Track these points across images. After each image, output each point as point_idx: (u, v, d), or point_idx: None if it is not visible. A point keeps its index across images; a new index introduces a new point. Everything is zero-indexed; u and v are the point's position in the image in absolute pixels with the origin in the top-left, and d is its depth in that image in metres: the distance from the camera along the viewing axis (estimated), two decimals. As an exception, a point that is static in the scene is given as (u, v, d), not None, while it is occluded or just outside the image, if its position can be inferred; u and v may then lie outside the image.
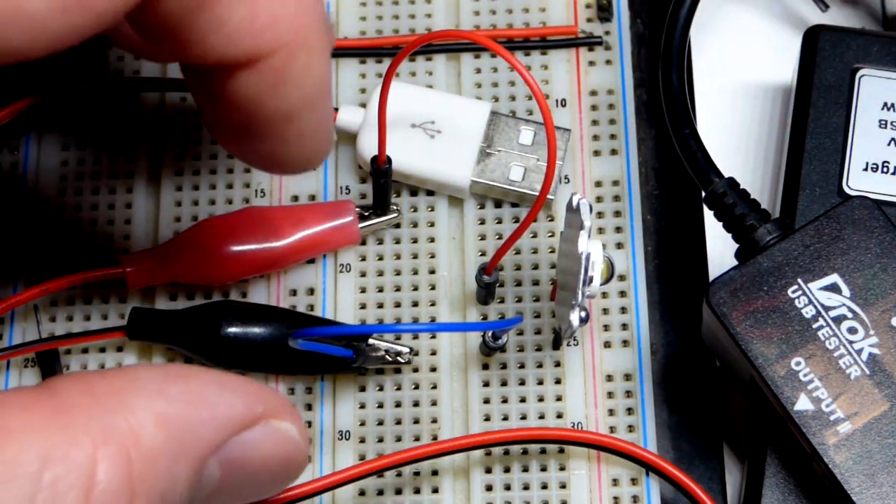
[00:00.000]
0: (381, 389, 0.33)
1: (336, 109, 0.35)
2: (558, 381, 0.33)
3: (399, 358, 0.32)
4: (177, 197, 0.35)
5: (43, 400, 0.22)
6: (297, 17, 0.25)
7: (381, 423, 0.33)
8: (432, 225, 0.34)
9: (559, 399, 0.33)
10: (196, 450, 0.24)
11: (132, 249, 0.34)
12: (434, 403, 0.33)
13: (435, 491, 0.32)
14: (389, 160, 0.32)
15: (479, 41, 0.29)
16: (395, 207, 0.34)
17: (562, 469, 0.32)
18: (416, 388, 0.33)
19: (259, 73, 0.25)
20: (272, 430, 0.25)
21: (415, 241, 0.34)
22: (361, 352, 0.32)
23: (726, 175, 0.32)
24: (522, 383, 0.33)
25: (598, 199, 0.34)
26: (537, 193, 0.34)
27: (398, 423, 0.33)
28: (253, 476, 0.25)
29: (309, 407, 0.33)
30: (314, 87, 0.26)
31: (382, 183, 0.33)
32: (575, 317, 0.29)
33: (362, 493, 0.32)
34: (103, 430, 0.22)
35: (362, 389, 0.33)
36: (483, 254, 0.34)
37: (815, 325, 0.29)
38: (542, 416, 0.32)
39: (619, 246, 0.34)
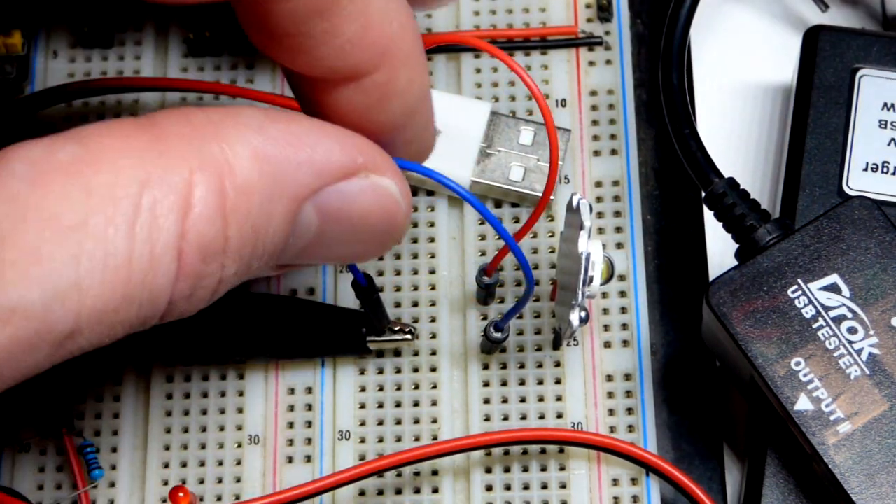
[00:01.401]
0: (381, 389, 0.33)
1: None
2: (558, 381, 0.33)
3: (403, 332, 0.32)
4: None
5: (143, 128, 0.22)
6: (402, 34, 0.25)
7: (381, 423, 0.33)
8: (432, 225, 0.34)
9: (559, 399, 0.33)
10: (291, 189, 0.23)
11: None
12: (434, 403, 0.33)
13: (435, 491, 0.32)
14: None
15: (480, 46, 0.29)
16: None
17: (562, 469, 0.32)
18: (416, 388, 0.33)
19: (364, 89, 0.25)
20: (372, 183, 0.25)
21: (415, 241, 0.34)
22: (374, 302, 0.31)
23: (726, 175, 0.32)
24: (522, 383, 0.33)
25: (598, 200, 0.35)
26: (537, 193, 0.34)
27: (398, 423, 0.33)
28: (352, 230, 0.25)
29: (309, 407, 0.33)
30: (416, 99, 0.26)
31: None
32: (575, 317, 0.29)
33: (362, 493, 0.32)
34: (199, 157, 0.22)
35: (362, 389, 0.33)
36: (483, 254, 0.34)
37: (814, 325, 0.29)
38: (542, 417, 0.32)
39: (619, 246, 0.34)
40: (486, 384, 0.33)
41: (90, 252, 0.21)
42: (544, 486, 0.32)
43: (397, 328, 0.32)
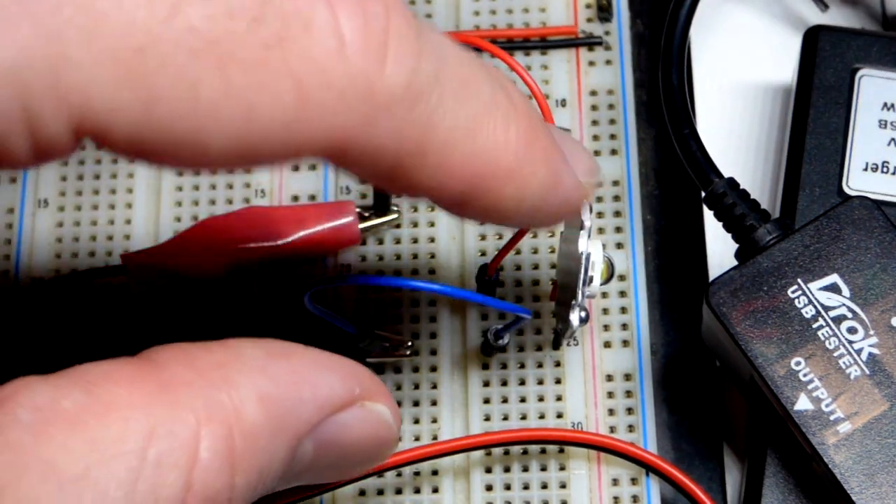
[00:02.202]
0: (380, 372, 0.33)
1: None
2: (558, 381, 0.33)
3: (403, 347, 0.32)
4: (177, 197, 0.35)
5: (147, 374, 0.22)
6: (494, 153, 0.24)
7: (381, 423, 0.33)
8: (432, 225, 0.34)
9: (559, 399, 0.33)
10: (295, 429, 0.24)
11: (133, 249, 0.34)
12: (434, 403, 0.33)
13: (435, 491, 0.32)
14: None
15: (481, 45, 0.29)
16: (395, 208, 0.34)
17: (562, 469, 0.32)
18: (416, 388, 0.33)
19: (478, 209, 0.25)
20: (367, 411, 0.25)
21: (415, 241, 0.34)
22: (368, 334, 0.31)
23: (726, 175, 0.32)
24: (522, 383, 0.33)
25: (598, 200, 0.35)
26: (537, 193, 0.34)
27: (398, 422, 0.33)
28: (344, 455, 0.25)
29: (309, 407, 0.33)
30: (537, 197, 0.25)
31: None
32: (575, 317, 0.29)
33: (362, 492, 0.32)
34: (207, 407, 0.22)
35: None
36: (483, 254, 0.34)
37: (814, 325, 0.29)
38: (542, 416, 0.32)
39: (619, 246, 0.34)
40: (486, 384, 0.33)
41: None
42: (544, 486, 0.32)
43: (398, 344, 0.32)
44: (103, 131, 0.21)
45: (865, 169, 0.33)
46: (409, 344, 0.32)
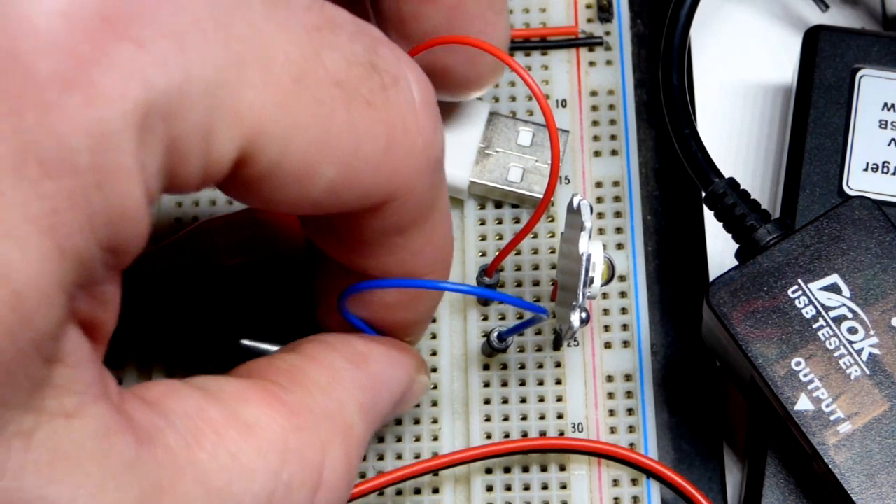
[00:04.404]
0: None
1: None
2: (559, 382, 0.33)
3: None
4: (177, 197, 0.35)
5: (275, 396, 0.24)
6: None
7: (381, 423, 0.33)
8: (433, 225, 0.34)
9: (559, 400, 0.33)
10: (379, 423, 0.27)
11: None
12: (434, 404, 0.33)
13: (435, 491, 0.32)
14: None
15: (481, 46, 0.29)
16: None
17: (562, 470, 0.32)
18: (417, 388, 0.33)
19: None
20: (417, 383, 0.29)
21: (415, 241, 0.34)
22: None
23: (726, 175, 0.32)
24: (523, 384, 0.33)
25: (599, 200, 0.35)
26: (535, 195, 0.34)
27: (398, 422, 0.33)
28: (392, 415, 0.29)
29: (309, 407, 0.33)
30: (416, 213, 0.27)
31: None
32: (575, 317, 0.29)
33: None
34: (329, 430, 0.25)
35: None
36: (483, 254, 0.34)
37: (815, 326, 0.29)
38: (542, 417, 0.32)
39: (620, 246, 0.34)
40: (487, 385, 0.33)
41: None
42: (545, 487, 0.32)
43: None
44: (256, 152, 0.22)
45: (866, 169, 0.33)
46: None
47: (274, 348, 0.31)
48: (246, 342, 0.31)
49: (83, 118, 0.19)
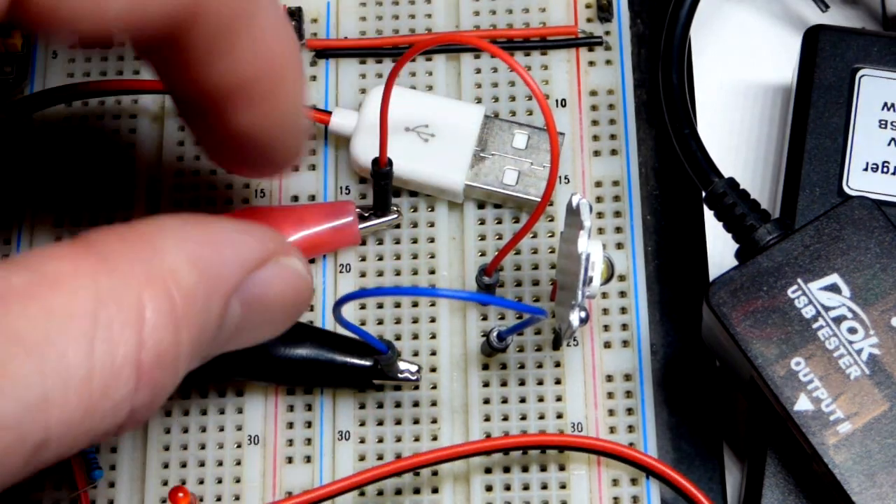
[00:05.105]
0: (380, 390, 0.33)
1: (329, 112, 0.35)
2: (558, 382, 0.33)
3: (409, 374, 0.32)
4: (176, 198, 0.35)
5: (86, 250, 0.24)
6: (283, 52, 0.28)
7: (380, 423, 0.33)
8: (432, 225, 0.34)
9: (559, 399, 0.33)
10: (224, 287, 0.26)
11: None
12: (434, 404, 0.33)
13: (435, 491, 0.32)
14: (390, 162, 0.32)
15: (481, 45, 0.29)
16: (395, 208, 0.34)
17: (562, 469, 0.32)
18: (416, 388, 0.33)
19: (250, 100, 0.27)
20: (282, 266, 0.27)
21: (415, 241, 0.34)
22: (395, 357, 0.32)
23: (726, 175, 0.32)
24: (522, 384, 0.33)
25: (598, 200, 0.34)
26: (531, 197, 0.34)
27: (398, 422, 0.33)
28: (268, 311, 0.27)
29: (309, 407, 0.33)
30: (293, 106, 0.29)
31: (383, 185, 0.33)
32: (575, 317, 0.29)
33: (362, 493, 0.32)
34: (145, 272, 0.24)
35: (362, 390, 0.33)
36: (483, 254, 0.34)
37: (814, 326, 0.29)
38: (541, 417, 0.32)
39: (619, 246, 0.34)
40: (486, 384, 0.33)
41: (54, 367, 0.22)
42: (544, 487, 0.32)
43: (403, 368, 0.32)
44: None
45: (865, 169, 0.33)
46: (418, 369, 0.32)
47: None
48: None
49: None
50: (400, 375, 0.32)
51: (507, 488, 0.32)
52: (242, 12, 0.26)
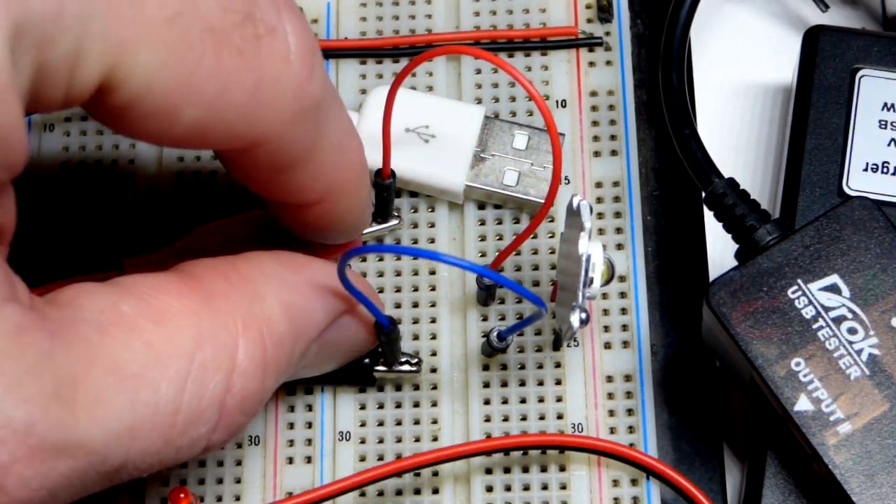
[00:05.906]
0: (381, 390, 0.33)
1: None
2: (559, 382, 0.33)
3: (410, 363, 0.32)
4: (177, 198, 0.35)
5: (191, 286, 0.25)
6: (347, 175, 0.28)
7: (381, 423, 0.33)
8: (432, 226, 0.34)
9: (559, 400, 0.33)
10: (310, 333, 0.27)
11: (134, 253, 0.34)
12: (434, 404, 0.33)
13: (435, 492, 0.32)
14: (393, 174, 0.32)
15: (478, 55, 0.29)
16: (396, 215, 0.34)
17: (562, 470, 0.32)
18: (417, 388, 0.33)
19: (313, 215, 0.29)
20: (359, 315, 0.29)
21: (415, 241, 0.34)
22: (391, 333, 0.31)
23: (726, 175, 0.32)
24: (523, 384, 0.33)
25: (599, 200, 0.35)
26: (531, 198, 0.34)
27: (398, 423, 0.33)
28: (339, 353, 0.29)
29: (309, 407, 0.33)
30: (360, 213, 0.30)
31: (385, 196, 0.33)
32: (575, 318, 0.29)
33: (362, 493, 0.32)
34: (244, 316, 0.25)
35: (362, 390, 0.33)
36: (483, 254, 0.34)
37: (814, 326, 0.29)
38: (542, 417, 0.32)
39: (620, 247, 0.34)
40: (487, 385, 0.33)
41: (144, 401, 0.23)
42: (544, 487, 0.32)
43: (404, 360, 0.32)
44: (120, 83, 0.23)
45: (865, 169, 0.33)
46: (418, 361, 0.32)
47: None
48: None
49: None
50: (402, 359, 0.32)
51: (508, 489, 0.32)
52: (303, 152, 0.26)
